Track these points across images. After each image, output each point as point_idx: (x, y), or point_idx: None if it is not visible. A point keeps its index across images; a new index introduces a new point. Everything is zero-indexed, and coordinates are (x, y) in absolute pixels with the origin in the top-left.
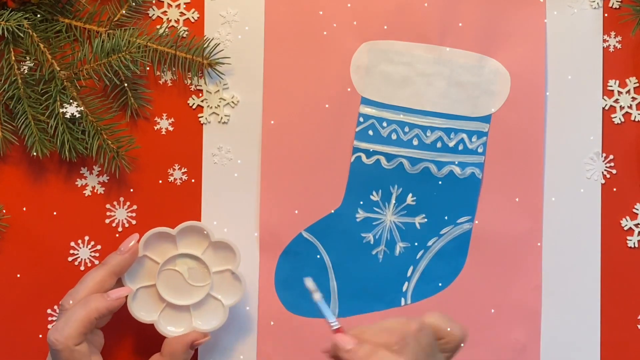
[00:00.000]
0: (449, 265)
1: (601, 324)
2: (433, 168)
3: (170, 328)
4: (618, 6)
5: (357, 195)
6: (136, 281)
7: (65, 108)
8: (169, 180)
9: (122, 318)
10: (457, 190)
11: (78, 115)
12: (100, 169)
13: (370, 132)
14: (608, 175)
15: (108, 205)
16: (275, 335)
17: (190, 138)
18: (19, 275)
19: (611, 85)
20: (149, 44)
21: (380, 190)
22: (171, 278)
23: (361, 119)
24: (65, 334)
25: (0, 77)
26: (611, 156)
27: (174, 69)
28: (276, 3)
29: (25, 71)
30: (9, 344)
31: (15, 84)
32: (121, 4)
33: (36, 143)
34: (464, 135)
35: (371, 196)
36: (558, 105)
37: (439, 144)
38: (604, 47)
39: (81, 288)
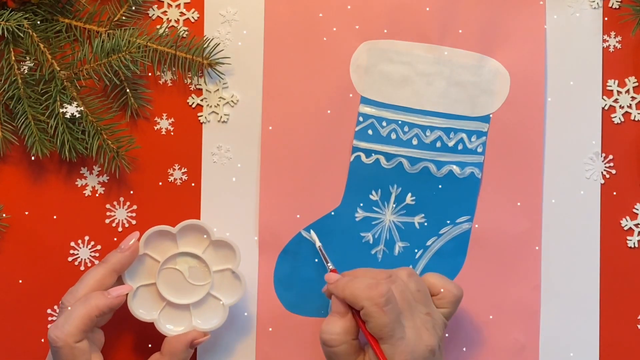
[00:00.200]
0: (448, 265)
1: (600, 324)
2: (432, 168)
3: (170, 327)
4: (618, 6)
5: (357, 194)
6: (136, 279)
7: (65, 108)
8: (169, 180)
9: (122, 316)
10: (457, 190)
11: (78, 115)
12: (100, 169)
13: (370, 132)
14: (608, 176)
15: (108, 205)
16: (274, 335)
17: (189, 137)
18: (19, 275)
19: (610, 85)
20: (149, 44)
21: (379, 190)
22: (171, 277)
23: (361, 119)
24: (65, 331)
25: (0, 77)
26: (611, 156)
27: (174, 69)
28: (276, 2)
29: (25, 71)
30: (9, 344)
31: (15, 84)
32: (121, 4)
33: (36, 143)
34: (464, 135)
35: (370, 196)
36: (557, 105)
37: (438, 144)
38: (603, 47)
39: (81, 286)
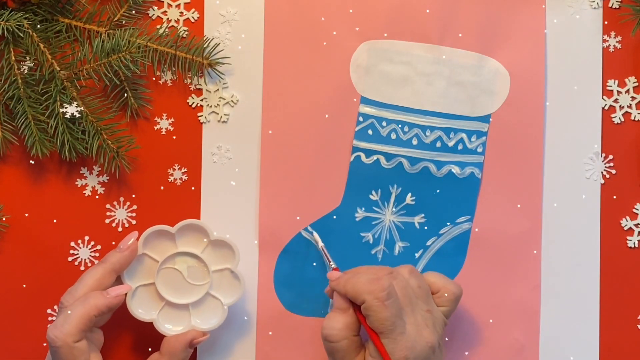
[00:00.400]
0: (448, 265)
1: (600, 324)
2: (432, 168)
3: (169, 326)
4: (618, 6)
5: (357, 194)
6: (135, 279)
7: (65, 108)
8: (169, 180)
9: (121, 316)
10: (457, 190)
11: (78, 115)
12: (100, 169)
13: (370, 132)
14: (608, 176)
15: (108, 205)
16: (274, 335)
17: (189, 137)
18: (19, 275)
19: (610, 85)
20: (149, 44)
21: (379, 190)
22: (170, 276)
23: (361, 119)
24: (64, 330)
25: (0, 77)
26: (611, 156)
27: (174, 69)
28: (276, 2)
29: (25, 71)
30: (9, 344)
31: (15, 84)
32: (121, 4)
33: (36, 143)
34: (464, 135)
35: (370, 196)
36: (557, 105)
37: (438, 144)
38: (603, 47)
39: (80, 286)
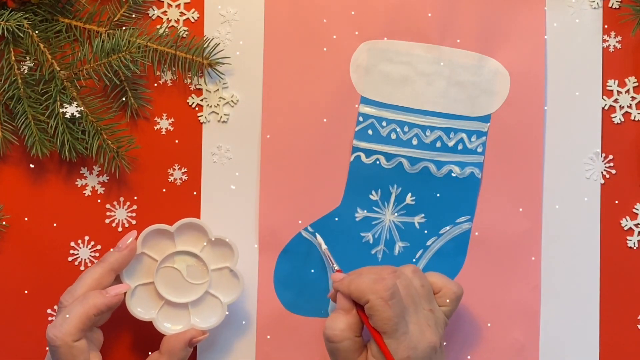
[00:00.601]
0: (448, 265)
1: (600, 324)
2: (432, 168)
3: (169, 325)
4: (618, 6)
5: (357, 194)
6: (134, 279)
7: (65, 108)
8: (169, 180)
9: (121, 316)
10: (457, 190)
11: (78, 115)
12: (100, 169)
13: (370, 132)
14: (608, 175)
15: (108, 205)
16: (274, 335)
17: (189, 137)
18: (19, 275)
19: (610, 85)
20: (149, 44)
21: (379, 190)
22: (169, 275)
23: (361, 119)
24: (63, 330)
25: (0, 77)
26: (611, 156)
27: (174, 69)
28: (276, 2)
29: (25, 71)
30: (9, 344)
31: (15, 84)
32: (121, 4)
33: (36, 143)
34: (464, 135)
35: (370, 195)
36: (557, 105)
37: (438, 144)
38: (603, 47)
39: (79, 285)
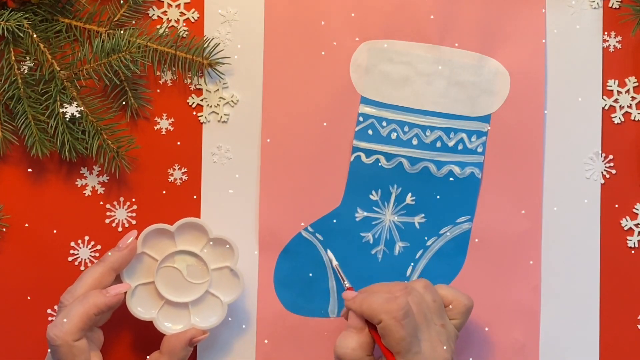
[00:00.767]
0: (448, 265)
1: (600, 324)
2: (432, 168)
3: (169, 325)
4: (618, 6)
5: (357, 194)
6: (135, 278)
7: (65, 108)
8: (169, 180)
9: (121, 315)
10: (457, 190)
11: (78, 115)
12: (100, 169)
13: (370, 132)
14: (608, 175)
15: (108, 205)
16: (274, 335)
17: (189, 137)
18: (19, 275)
19: (610, 85)
20: (149, 44)
21: (379, 190)
22: (170, 275)
23: (361, 119)
24: (64, 329)
25: (0, 77)
26: (611, 156)
27: (174, 69)
28: (276, 2)
29: (25, 71)
30: (9, 343)
31: (15, 84)
32: (121, 4)
33: (36, 143)
34: (464, 135)
35: (370, 196)
36: (558, 105)
37: (438, 144)
38: (603, 47)
39: (80, 285)
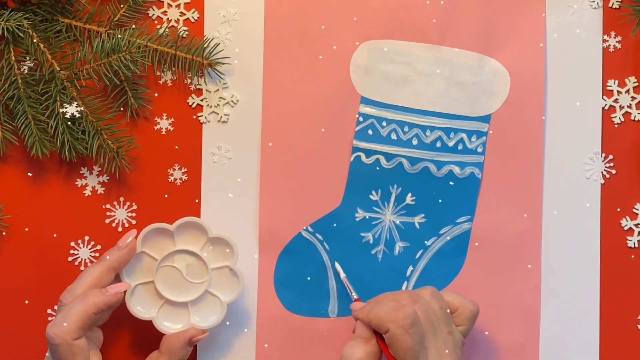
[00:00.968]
0: (448, 265)
1: (600, 324)
2: (432, 168)
3: (168, 324)
4: (618, 6)
5: (357, 194)
6: (134, 278)
7: (65, 108)
8: (169, 180)
9: (121, 315)
10: (457, 190)
11: (78, 115)
12: (100, 169)
13: (370, 132)
14: (608, 175)
15: (108, 205)
16: (274, 334)
17: (189, 137)
18: (19, 275)
19: (610, 85)
20: (149, 44)
21: (379, 190)
22: (169, 275)
23: (361, 119)
24: (63, 328)
25: (0, 77)
26: (611, 156)
27: (174, 69)
28: (276, 2)
29: (25, 71)
30: (9, 343)
31: (15, 84)
32: (121, 4)
33: (36, 143)
34: (464, 135)
35: (370, 196)
36: (558, 105)
37: (438, 144)
38: (603, 47)
39: (79, 284)
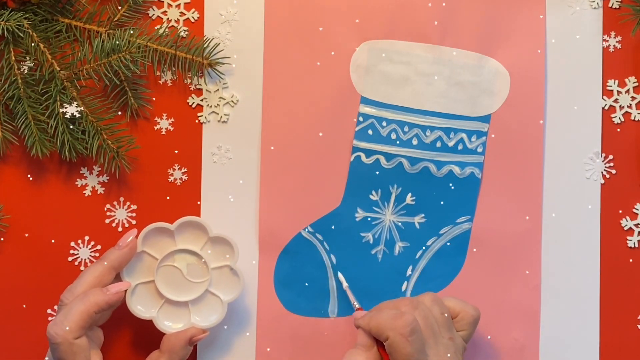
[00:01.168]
0: (448, 265)
1: (600, 324)
2: (432, 168)
3: (169, 324)
4: (618, 6)
5: (357, 194)
6: (135, 277)
7: (65, 108)
8: (169, 180)
9: (121, 314)
10: (457, 190)
11: (78, 115)
12: (100, 169)
13: (370, 132)
14: (608, 175)
15: (108, 205)
16: (274, 334)
17: (189, 138)
18: (19, 275)
19: (610, 85)
20: (149, 44)
21: (379, 190)
22: (170, 274)
23: (361, 119)
24: (64, 327)
25: (0, 77)
26: (611, 156)
27: (174, 69)
28: (276, 2)
29: (25, 71)
30: (9, 344)
31: (15, 84)
32: (121, 4)
33: (36, 143)
34: (464, 135)
35: (370, 196)
36: (558, 105)
37: (438, 144)
38: (603, 47)
39: (80, 283)
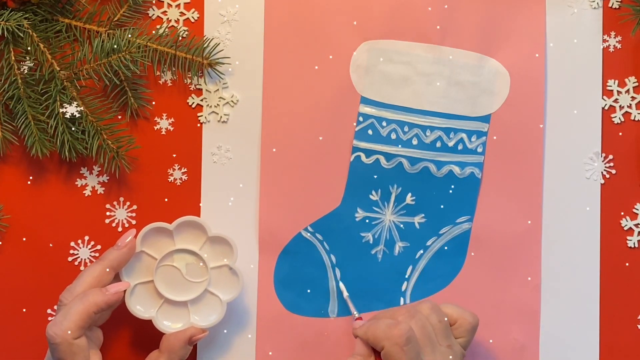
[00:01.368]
0: (448, 265)
1: (600, 324)
2: (432, 168)
3: (168, 324)
4: (618, 6)
5: (357, 194)
6: (134, 277)
7: (65, 108)
8: (169, 180)
9: (120, 314)
10: (457, 189)
11: (78, 115)
12: (100, 169)
13: (370, 132)
14: (607, 175)
15: (108, 205)
16: (274, 334)
17: (189, 138)
18: (19, 275)
19: (610, 85)
20: (149, 44)
21: (379, 190)
22: (169, 274)
23: (361, 119)
24: (63, 327)
25: (0, 77)
26: (611, 156)
27: (173, 69)
28: (276, 2)
29: (25, 71)
30: (9, 344)
31: (15, 84)
32: (121, 4)
33: (36, 143)
34: (464, 135)
35: (370, 195)
36: (557, 106)
37: (438, 144)
38: (603, 47)
39: (79, 283)
